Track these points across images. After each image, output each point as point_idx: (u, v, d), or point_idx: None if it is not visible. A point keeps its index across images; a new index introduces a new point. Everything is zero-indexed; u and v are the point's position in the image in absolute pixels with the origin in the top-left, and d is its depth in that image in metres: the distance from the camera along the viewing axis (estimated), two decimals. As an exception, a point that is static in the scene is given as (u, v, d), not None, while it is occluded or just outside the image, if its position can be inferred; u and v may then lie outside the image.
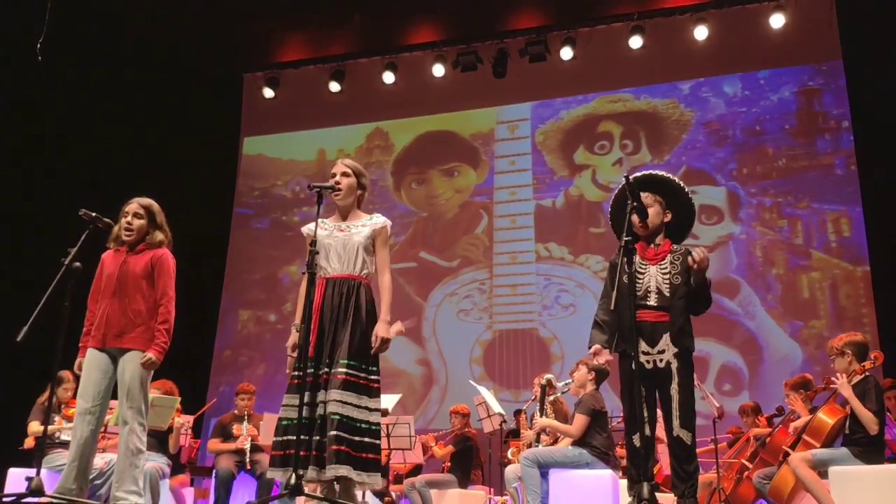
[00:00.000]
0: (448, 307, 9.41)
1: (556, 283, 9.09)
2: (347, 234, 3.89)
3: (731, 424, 6.95)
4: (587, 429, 5.19)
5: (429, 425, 8.57)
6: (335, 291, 3.79)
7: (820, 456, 4.52)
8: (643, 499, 3.23)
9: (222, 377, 9.84)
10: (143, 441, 3.98)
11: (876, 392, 4.50)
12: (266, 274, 10.22)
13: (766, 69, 8.98)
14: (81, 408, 3.95)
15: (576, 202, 9.34)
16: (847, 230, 8.24)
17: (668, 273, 3.78)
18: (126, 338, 3.97)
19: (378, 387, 3.75)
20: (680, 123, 9.17)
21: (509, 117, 9.86)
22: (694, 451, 3.68)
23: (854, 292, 8.06)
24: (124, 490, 3.87)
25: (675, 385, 3.67)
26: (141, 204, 4.21)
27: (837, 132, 8.56)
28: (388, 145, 10.28)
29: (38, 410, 5.72)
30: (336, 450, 3.51)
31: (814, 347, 8.00)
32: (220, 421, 6.35)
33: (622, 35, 9.34)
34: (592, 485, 5.00)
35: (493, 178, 9.71)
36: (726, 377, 8.21)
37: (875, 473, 4.35)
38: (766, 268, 8.46)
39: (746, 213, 8.67)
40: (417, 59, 10.09)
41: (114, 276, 4.06)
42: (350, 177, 3.97)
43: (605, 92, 9.55)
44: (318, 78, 10.41)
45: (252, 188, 10.64)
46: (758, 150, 8.81)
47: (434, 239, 9.76)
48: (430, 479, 6.78)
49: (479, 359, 9.11)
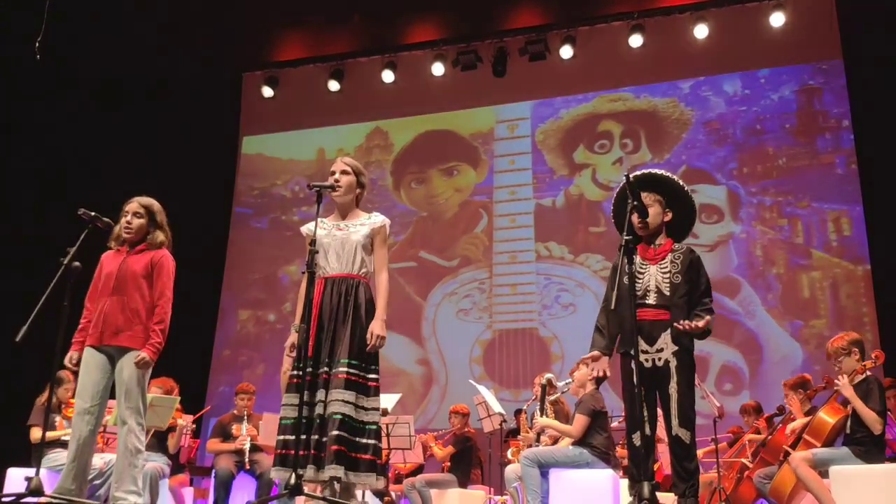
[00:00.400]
0: (448, 307, 9.40)
1: (556, 283, 9.07)
2: (346, 233, 3.89)
3: (731, 424, 6.95)
4: (587, 429, 5.18)
5: (428, 425, 8.55)
6: (334, 290, 3.79)
7: (821, 455, 4.51)
8: (644, 498, 3.22)
9: (221, 377, 9.82)
10: (142, 441, 3.97)
11: (879, 391, 4.49)
12: (265, 274, 10.21)
13: (766, 68, 8.96)
14: (80, 407, 3.95)
15: (576, 201, 9.32)
16: (847, 229, 8.23)
17: (669, 272, 3.78)
18: (123, 336, 3.96)
19: (376, 386, 3.74)
20: (680, 122, 9.16)
21: (509, 116, 9.84)
22: (694, 450, 3.67)
23: (855, 291, 8.04)
24: (123, 490, 3.87)
25: (674, 384, 3.66)
26: (141, 203, 4.20)
27: (838, 131, 8.55)
28: (388, 144, 10.26)
29: (38, 412, 5.69)
30: (335, 450, 3.51)
31: (814, 347, 7.98)
32: (220, 421, 6.34)
33: (622, 34, 9.33)
34: (592, 484, 4.99)
35: (493, 178, 9.70)
36: (727, 377, 8.20)
37: (876, 473, 4.34)
38: (766, 267, 8.45)
39: (747, 212, 8.65)
40: (417, 58, 10.07)
41: (113, 275, 4.06)
42: (349, 175, 3.97)
43: (605, 91, 9.53)
44: (317, 77, 10.39)
45: (251, 187, 10.62)
46: (758, 150, 8.79)
47: (434, 238, 9.75)
48: (429, 478, 6.77)
49: (479, 358, 9.09)
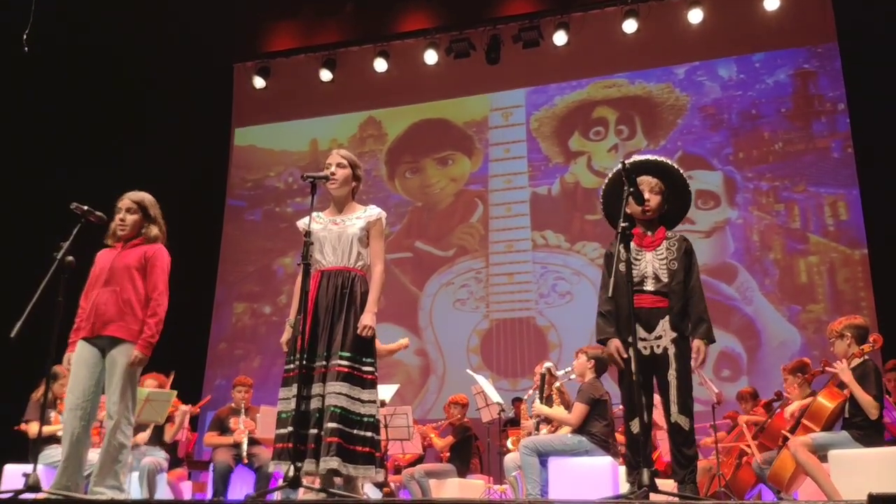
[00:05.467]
0: (444, 297, 9.38)
1: (552, 271, 9.05)
2: (342, 226, 3.88)
3: (729, 410, 6.94)
4: (586, 417, 5.18)
5: (426, 415, 8.54)
6: (330, 283, 3.78)
7: (819, 440, 4.50)
8: (643, 485, 3.20)
9: (218, 370, 9.80)
10: (129, 437, 3.91)
11: (875, 376, 4.48)
12: (260, 266, 10.17)
13: (761, 52, 8.93)
14: (71, 403, 3.90)
15: (571, 189, 9.29)
16: (844, 213, 8.22)
17: (665, 259, 3.75)
18: (114, 326, 3.92)
19: (373, 378, 3.73)
20: (675, 108, 9.12)
21: (503, 104, 9.79)
22: (692, 437, 3.66)
23: (852, 276, 8.04)
24: (105, 485, 3.81)
25: (673, 371, 3.64)
26: (133, 199, 4.17)
27: (833, 115, 8.52)
28: (382, 134, 10.21)
29: (34, 408, 5.67)
30: (331, 442, 3.50)
31: (812, 332, 7.99)
32: (218, 414, 6.33)
33: (616, 19, 9.27)
34: (592, 472, 4.99)
35: (488, 166, 9.65)
36: (725, 363, 8.20)
37: (875, 457, 4.33)
38: (763, 252, 8.43)
39: (743, 197, 8.63)
40: (409, 47, 10.00)
41: (106, 268, 4.04)
42: (345, 167, 3.95)
43: (600, 77, 9.49)
44: (309, 67, 10.32)
45: (244, 179, 10.56)
46: (754, 134, 8.77)
47: (429, 228, 9.71)
48: (428, 469, 6.77)
49: (477, 348, 9.08)
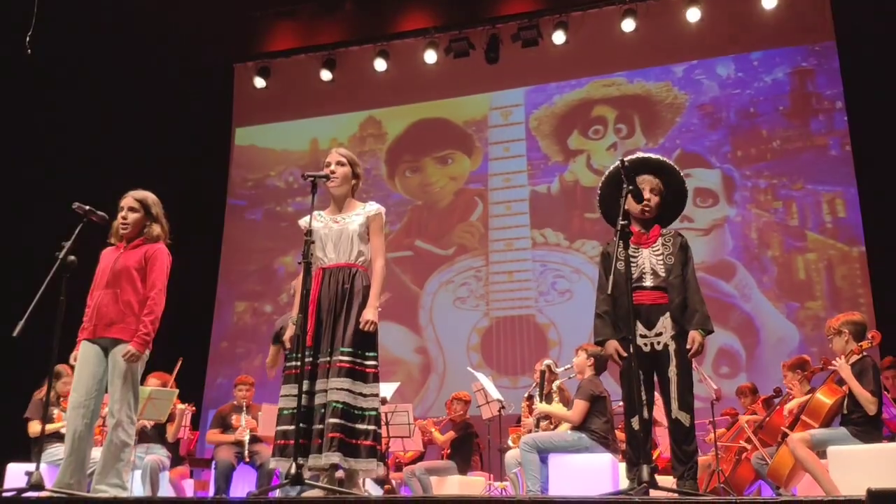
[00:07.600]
0: (445, 295, 9.40)
1: (552, 269, 9.08)
2: (342, 224, 3.92)
3: (728, 406, 6.97)
4: (587, 414, 5.20)
5: (427, 413, 8.57)
6: (332, 280, 3.82)
7: (818, 436, 4.53)
8: (643, 481, 3.22)
9: (219, 369, 9.82)
10: (131, 435, 3.94)
11: (873, 372, 4.50)
12: (261, 265, 10.19)
13: (759, 50, 8.95)
14: (75, 401, 3.92)
15: (571, 188, 9.32)
16: (842, 211, 8.25)
17: (661, 254, 3.78)
18: (115, 328, 3.95)
19: (375, 373, 3.75)
20: (674, 106, 9.15)
21: (502, 103, 9.82)
22: (693, 433, 3.68)
23: (850, 273, 8.07)
24: (107, 483, 3.83)
25: (674, 367, 3.66)
26: (135, 197, 4.19)
27: (831, 113, 8.55)
28: (381, 133, 10.23)
29: (37, 406, 5.70)
30: (333, 437, 3.53)
31: (810, 329, 8.02)
32: (220, 412, 6.35)
33: (614, 18, 9.30)
34: (592, 469, 5.01)
35: (488, 165, 9.68)
36: (723, 360, 8.23)
37: (873, 453, 4.35)
38: (761, 250, 8.46)
39: (741, 195, 8.66)
40: (409, 47, 10.03)
41: (108, 269, 4.07)
42: (345, 166, 3.98)
43: (599, 76, 9.52)
44: (309, 66, 10.34)
45: (245, 179, 10.58)
46: (752, 132, 8.80)
47: (429, 227, 9.74)
48: (429, 466, 6.79)
49: (477, 346, 9.11)
